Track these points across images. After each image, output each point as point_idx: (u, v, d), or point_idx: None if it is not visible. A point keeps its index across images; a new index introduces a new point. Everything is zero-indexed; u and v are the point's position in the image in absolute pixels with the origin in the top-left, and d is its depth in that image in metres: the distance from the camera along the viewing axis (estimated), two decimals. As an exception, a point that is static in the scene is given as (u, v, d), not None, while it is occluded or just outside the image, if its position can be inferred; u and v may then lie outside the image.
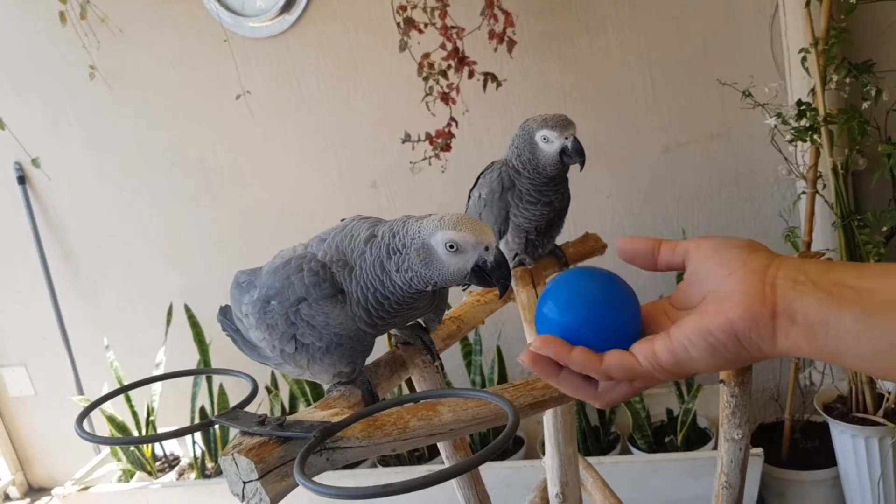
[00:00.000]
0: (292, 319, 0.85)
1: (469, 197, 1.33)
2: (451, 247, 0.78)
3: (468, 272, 0.80)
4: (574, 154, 1.18)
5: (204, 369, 1.91)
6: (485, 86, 2.02)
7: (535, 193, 1.22)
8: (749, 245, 0.55)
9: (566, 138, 1.17)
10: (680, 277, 2.07)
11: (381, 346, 0.92)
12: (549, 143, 1.18)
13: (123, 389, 0.88)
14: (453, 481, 1.14)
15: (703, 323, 0.52)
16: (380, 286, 0.83)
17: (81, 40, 2.34)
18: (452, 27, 1.98)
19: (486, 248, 0.80)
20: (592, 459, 1.89)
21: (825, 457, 2.09)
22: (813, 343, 0.50)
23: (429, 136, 2.02)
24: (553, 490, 1.25)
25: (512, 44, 2.00)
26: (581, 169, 1.19)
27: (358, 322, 0.84)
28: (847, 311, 0.48)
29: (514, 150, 1.23)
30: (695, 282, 0.56)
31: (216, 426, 2.52)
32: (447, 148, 2.03)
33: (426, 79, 2.00)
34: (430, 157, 2.04)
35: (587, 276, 0.61)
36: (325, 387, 0.94)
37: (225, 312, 1.00)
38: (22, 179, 2.69)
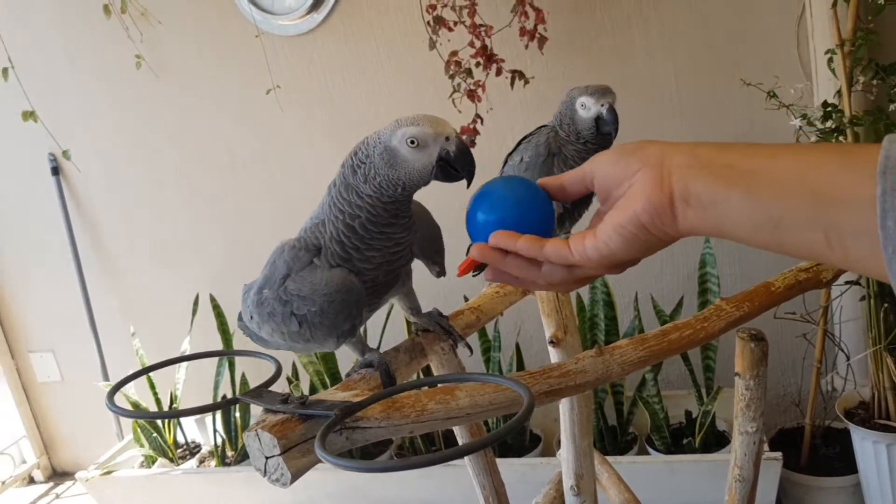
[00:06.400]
0: (284, 298, 0.88)
1: (505, 162, 1.34)
2: (413, 142, 0.79)
3: (433, 166, 0.79)
4: (608, 121, 1.20)
5: (229, 350, 1.94)
6: (512, 83, 2.04)
7: (579, 160, 1.24)
8: (642, 144, 0.60)
9: (602, 105, 1.20)
10: (701, 277, 2.06)
11: (401, 335, 0.93)
12: (587, 110, 1.21)
13: (154, 367, 0.91)
14: (469, 469, 1.16)
15: (615, 219, 0.59)
16: (347, 207, 0.83)
17: (126, 33, 2.40)
18: (481, 25, 2.00)
19: (448, 139, 0.79)
20: (609, 458, 1.89)
21: (846, 463, 2.07)
22: (705, 222, 0.55)
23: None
24: (568, 482, 1.26)
25: (543, 40, 2.01)
26: (614, 137, 1.21)
27: (332, 260, 0.85)
28: (734, 191, 0.53)
29: (557, 118, 1.25)
30: (606, 190, 0.63)
31: (237, 412, 2.56)
32: (471, 144, 2.05)
33: (452, 77, 2.03)
34: None
35: (509, 183, 0.69)
36: (344, 373, 0.96)
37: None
38: (56, 170, 2.75)
